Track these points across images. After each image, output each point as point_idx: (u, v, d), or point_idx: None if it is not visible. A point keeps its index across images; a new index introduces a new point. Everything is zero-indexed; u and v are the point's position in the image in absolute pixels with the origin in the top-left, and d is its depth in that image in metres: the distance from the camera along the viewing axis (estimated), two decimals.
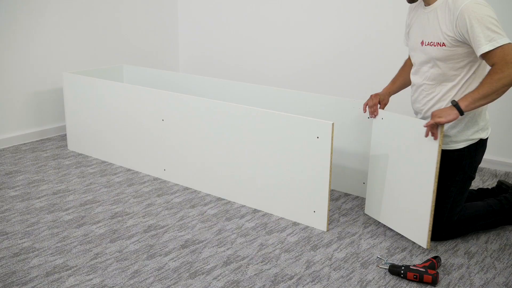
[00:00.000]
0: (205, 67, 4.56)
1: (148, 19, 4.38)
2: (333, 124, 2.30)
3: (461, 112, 2.10)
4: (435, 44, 2.19)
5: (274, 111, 2.50)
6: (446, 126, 2.26)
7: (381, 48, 3.53)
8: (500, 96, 2.11)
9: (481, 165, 3.27)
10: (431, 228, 2.25)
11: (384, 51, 3.58)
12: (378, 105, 2.47)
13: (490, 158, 3.26)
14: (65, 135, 3.80)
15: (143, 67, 3.83)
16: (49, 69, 3.74)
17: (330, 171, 2.35)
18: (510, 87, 2.09)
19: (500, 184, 2.61)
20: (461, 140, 2.26)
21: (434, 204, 2.22)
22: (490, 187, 2.68)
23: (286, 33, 4.01)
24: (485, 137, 2.31)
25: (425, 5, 2.26)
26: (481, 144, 2.31)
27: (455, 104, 2.11)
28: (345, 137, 2.77)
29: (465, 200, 2.45)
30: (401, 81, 2.56)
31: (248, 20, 4.20)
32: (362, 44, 3.67)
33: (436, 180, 2.19)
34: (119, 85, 3.12)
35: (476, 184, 3.05)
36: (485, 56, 2.08)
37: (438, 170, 2.18)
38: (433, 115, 2.13)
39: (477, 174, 3.19)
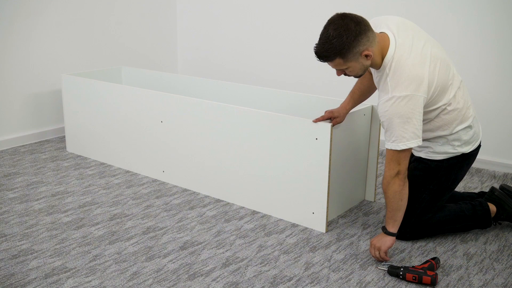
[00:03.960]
0: (203, 68, 4.56)
1: (147, 21, 4.38)
2: (332, 125, 2.31)
3: (394, 235, 2.14)
4: None
5: (272, 113, 2.50)
6: (427, 142, 2.25)
7: None
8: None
9: (480, 166, 3.26)
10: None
11: None
12: (329, 122, 2.35)
13: (489, 159, 3.26)
14: (64, 136, 3.79)
15: (141, 69, 3.83)
16: (48, 71, 3.74)
17: (329, 172, 2.35)
18: (407, 200, 2.12)
19: (502, 188, 2.49)
20: (441, 152, 2.24)
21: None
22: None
23: (285, 34, 4.01)
24: (469, 151, 2.25)
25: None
26: (466, 157, 2.26)
27: (385, 231, 2.15)
28: (344, 138, 2.76)
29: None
30: (358, 94, 2.45)
31: (247, 21, 4.20)
32: None
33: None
34: (118, 86, 3.12)
35: (474, 185, 3.05)
36: None
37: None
38: (372, 245, 2.16)
39: (476, 175, 3.19)
